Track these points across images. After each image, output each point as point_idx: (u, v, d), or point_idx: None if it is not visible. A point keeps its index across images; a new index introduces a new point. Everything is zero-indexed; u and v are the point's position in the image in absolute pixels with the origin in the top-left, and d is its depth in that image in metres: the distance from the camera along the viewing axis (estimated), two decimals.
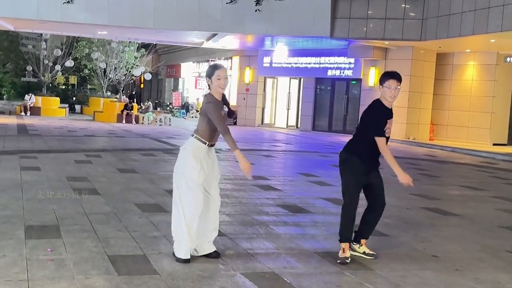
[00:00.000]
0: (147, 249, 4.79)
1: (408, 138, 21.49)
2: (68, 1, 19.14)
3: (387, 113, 4.84)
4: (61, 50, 34.35)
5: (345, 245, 4.82)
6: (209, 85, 4.71)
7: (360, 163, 4.84)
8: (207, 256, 4.66)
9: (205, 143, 4.63)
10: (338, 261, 4.75)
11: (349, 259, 4.78)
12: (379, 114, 4.81)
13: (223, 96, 4.77)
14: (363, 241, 5.01)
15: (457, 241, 5.84)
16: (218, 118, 4.58)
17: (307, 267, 4.64)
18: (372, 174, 4.91)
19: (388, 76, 4.82)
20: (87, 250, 4.69)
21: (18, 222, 5.51)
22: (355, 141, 4.96)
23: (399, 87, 4.80)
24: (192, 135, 4.68)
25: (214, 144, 4.74)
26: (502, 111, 21.87)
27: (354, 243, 5.00)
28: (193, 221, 4.54)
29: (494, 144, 21.14)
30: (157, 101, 40.35)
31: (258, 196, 7.84)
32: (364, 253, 4.95)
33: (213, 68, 4.67)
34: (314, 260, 4.82)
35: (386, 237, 5.80)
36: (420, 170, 12.43)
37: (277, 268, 4.52)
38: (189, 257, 4.54)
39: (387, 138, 4.83)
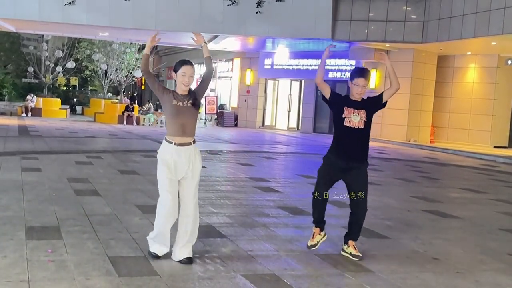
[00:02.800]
0: (147, 251, 4.78)
1: (409, 140, 21.49)
2: (70, 2, 19.16)
3: (348, 102, 5.01)
4: (62, 51, 34.40)
5: (314, 229, 5.07)
6: (175, 81, 4.69)
7: (333, 158, 4.99)
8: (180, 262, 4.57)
9: (171, 143, 4.57)
10: (307, 247, 5.03)
11: (314, 247, 5.00)
12: (334, 96, 5.15)
13: (190, 90, 4.69)
14: (350, 242, 5.05)
15: (458, 243, 5.83)
16: (153, 84, 4.65)
17: (307, 269, 4.64)
18: (352, 173, 4.97)
19: (358, 74, 4.97)
20: (88, 251, 4.69)
21: (19, 223, 5.52)
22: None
23: (366, 85, 4.96)
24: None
25: (187, 144, 4.59)
26: (503, 113, 21.87)
27: (344, 244, 5.09)
28: (160, 224, 4.58)
29: (494, 147, 21.14)
30: (158, 103, 40.34)
31: (258, 198, 7.84)
32: (350, 254, 5.00)
33: (181, 64, 4.63)
34: (314, 262, 4.82)
35: (387, 239, 5.79)
36: (421, 172, 12.43)
37: (277, 269, 4.52)
38: (158, 253, 4.61)
39: (354, 129, 4.92)
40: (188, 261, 4.57)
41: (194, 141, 4.67)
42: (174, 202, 4.55)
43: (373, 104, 5.11)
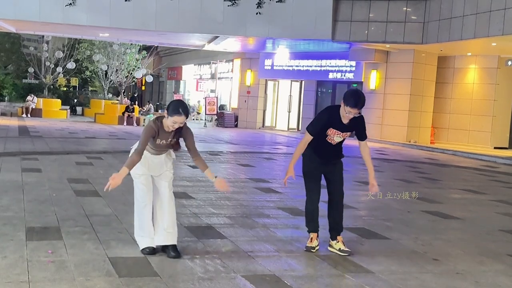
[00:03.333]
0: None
1: (409, 141, 21.48)
2: (70, 3, 19.18)
3: (335, 123, 4.99)
4: (63, 52, 34.40)
5: (312, 234, 5.15)
6: (165, 116, 4.69)
7: (314, 155, 5.15)
8: (163, 250, 4.76)
9: (147, 151, 4.79)
10: (305, 249, 5.11)
11: (314, 249, 5.08)
12: (321, 117, 5.12)
13: (179, 128, 4.69)
14: (339, 237, 5.13)
15: (458, 244, 5.83)
16: (142, 141, 4.66)
17: (307, 269, 4.64)
18: (331, 164, 5.18)
19: (353, 104, 4.83)
20: (88, 252, 4.69)
21: (19, 223, 5.52)
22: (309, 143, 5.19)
23: (357, 114, 4.93)
24: None
25: (163, 154, 4.86)
26: (503, 114, 21.87)
27: (332, 240, 5.15)
28: (139, 212, 4.88)
29: (495, 148, 21.14)
30: (158, 103, 40.38)
31: (259, 199, 7.84)
32: (339, 249, 5.06)
33: (175, 112, 4.52)
34: (314, 263, 4.82)
35: (387, 240, 5.80)
36: (421, 173, 12.43)
37: (277, 270, 4.52)
38: (147, 245, 4.77)
39: (329, 143, 5.05)
40: (175, 254, 4.68)
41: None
42: (148, 193, 4.83)
43: (360, 127, 5.12)
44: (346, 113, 4.90)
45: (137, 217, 4.92)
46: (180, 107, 4.54)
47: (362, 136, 5.14)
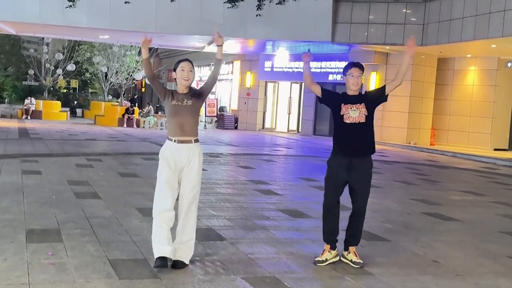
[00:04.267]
0: (148, 254, 4.78)
1: (409, 143, 21.49)
2: (70, 5, 19.19)
3: (344, 98, 4.97)
4: (63, 54, 34.42)
5: (326, 246, 4.92)
6: (175, 80, 4.67)
7: (336, 157, 4.92)
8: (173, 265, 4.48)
9: (171, 140, 4.60)
10: (314, 262, 4.85)
11: (324, 262, 4.81)
12: (329, 92, 5.14)
13: (190, 88, 4.68)
14: (351, 248, 4.90)
15: (458, 246, 5.84)
16: (157, 85, 4.66)
17: (307, 271, 4.64)
18: (355, 169, 4.85)
19: (351, 65, 4.97)
20: (88, 254, 4.69)
21: (19, 225, 5.52)
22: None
23: (361, 75, 4.94)
24: None
25: (188, 142, 4.56)
26: (503, 116, 21.87)
27: (344, 251, 4.95)
28: (157, 219, 4.48)
29: (495, 149, 21.13)
30: (158, 105, 40.39)
31: (258, 201, 7.84)
32: (351, 261, 4.85)
33: (178, 62, 4.65)
34: (314, 265, 4.82)
35: (387, 242, 5.80)
36: (421, 175, 12.43)
37: (277, 272, 4.52)
38: (161, 254, 4.38)
39: (354, 125, 4.86)
40: (181, 265, 4.49)
41: (196, 140, 4.64)
42: (172, 199, 4.49)
43: (375, 96, 5.07)
44: (350, 77, 4.90)
45: (155, 222, 4.52)
46: (180, 60, 4.65)
47: (380, 91, 5.10)
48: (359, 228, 4.97)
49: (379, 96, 5.08)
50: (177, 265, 4.47)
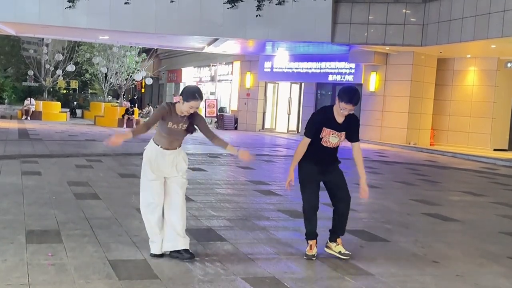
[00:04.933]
0: (147, 254, 4.79)
1: (409, 143, 21.49)
2: (70, 6, 19.19)
3: (329, 122, 4.93)
4: (63, 55, 34.39)
5: (311, 242, 5.03)
6: (178, 101, 4.70)
7: (307, 164, 5.04)
8: (177, 253, 4.72)
9: (158, 145, 4.76)
10: (305, 257, 4.98)
11: (315, 256, 4.97)
12: (314, 117, 5.02)
13: (192, 113, 4.73)
14: (339, 240, 5.07)
15: (458, 246, 5.84)
16: (152, 118, 4.72)
17: (307, 272, 4.65)
18: (328, 172, 5.06)
19: (347, 100, 4.80)
20: (88, 255, 4.70)
21: (19, 226, 5.52)
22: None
23: (352, 111, 4.90)
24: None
25: (173, 149, 4.77)
26: (502, 116, 21.88)
27: (331, 242, 5.09)
28: (146, 214, 4.76)
29: (494, 150, 21.14)
30: (158, 106, 40.40)
31: (258, 201, 7.84)
32: (339, 252, 4.99)
33: (192, 96, 4.59)
34: (314, 265, 4.83)
35: (387, 243, 5.80)
36: (421, 175, 12.43)
37: (277, 273, 4.53)
38: (157, 252, 4.74)
39: (325, 147, 4.97)
40: (189, 255, 4.68)
41: (179, 146, 4.87)
42: (159, 196, 4.72)
43: (354, 127, 5.05)
44: (341, 110, 4.84)
45: (147, 222, 4.81)
46: (196, 92, 4.64)
47: (354, 136, 5.05)
48: (347, 215, 5.11)
49: (351, 138, 5.09)
50: (190, 254, 4.70)
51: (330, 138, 4.95)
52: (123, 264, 4.50)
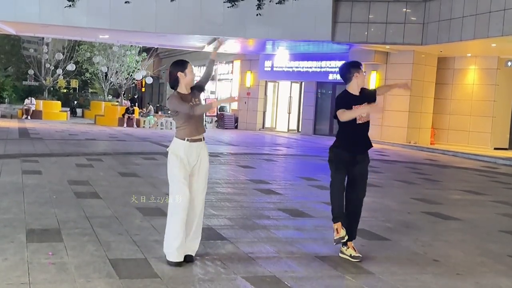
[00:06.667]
0: (148, 253, 4.79)
1: (409, 142, 21.49)
2: (70, 5, 19.18)
3: (353, 100, 5.07)
4: (63, 54, 34.42)
5: (336, 225, 4.96)
6: (177, 80, 4.72)
7: (342, 152, 5.05)
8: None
9: (184, 139, 4.72)
10: (334, 243, 4.95)
11: (345, 238, 4.91)
12: (339, 101, 5.08)
13: (192, 86, 4.84)
14: (349, 243, 5.02)
15: (458, 245, 5.83)
16: (179, 102, 4.63)
17: (308, 271, 4.64)
18: (358, 162, 5.06)
19: (359, 64, 5.21)
20: (88, 254, 4.70)
21: (20, 225, 5.52)
22: (336, 136, 5.19)
23: (365, 73, 5.20)
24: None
25: (199, 140, 4.79)
26: (503, 115, 21.88)
27: (343, 246, 5.04)
28: (178, 214, 4.54)
29: (495, 149, 21.14)
30: (158, 105, 40.40)
31: (259, 200, 7.84)
32: (350, 255, 4.96)
33: (183, 63, 4.75)
34: (315, 264, 4.82)
35: (387, 241, 5.80)
36: (421, 174, 12.43)
37: (278, 272, 4.53)
38: (180, 259, 4.51)
39: (362, 124, 5.05)
40: (190, 259, 4.61)
41: (204, 138, 4.88)
42: (189, 196, 4.61)
43: (370, 97, 5.21)
44: (362, 76, 5.11)
45: (176, 225, 4.54)
46: (182, 60, 4.80)
47: (374, 94, 5.29)
48: (357, 221, 5.11)
49: (372, 98, 5.22)
50: (191, 259, 4.63)
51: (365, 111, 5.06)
52: (123, 263, 4.50)
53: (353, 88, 5.12)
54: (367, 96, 5.15)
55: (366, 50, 21.94)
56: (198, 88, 4.92)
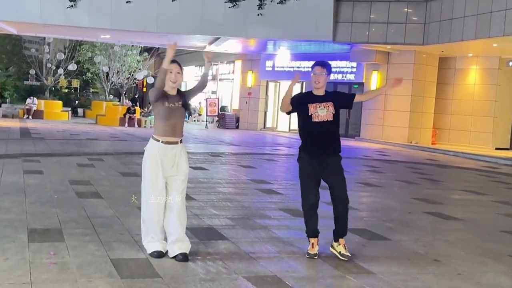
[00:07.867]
0: (148, 254, 4.79)
1: (410, 142, 21.48)
2: (71, 5, 19.20)
3: (311, 98, 5.07)
4: (64, 54, 34.43)
5: (312, 240, 5.02)
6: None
7: (306, 157, 5.07)
8: (174, 258, 4.66)
9: (158, 141, 4.69)
10: (307, 256, 4.97)
11: (316, 255, 4.95)
12: (293, 97, 5.12)
13: (179, 91, 4.83)
14: (341, 240, 5.03)
15: (459, 245, 5.83)
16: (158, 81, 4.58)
17: (309, 271, 4.65)
18: (327, 165, 5.00)
19: (315, 63, 5.13)
20: (90, 254, 4.70)
21: (21, 225, 5.53)
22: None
23: (323, 73, 5.07)
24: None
25: (175, 143, 4.71)
26: (504, 115, 21.87)
27: (334, 241, 5.08)
28: (149, 219, 4.71)
29: (496, 149, 21.14)
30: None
31: (260, 200, 7.85)
32: (339, 253, 4.97)
33: (172, 61, 4.70)
34: (316, 264, 4.83)
35: (388, 241, 5.80)
36: (422, 174, 12.43)
37: (279, 271, 4.53)
38: (155, 249, 4.67)
39: (321, 123, 4.98)
40: (183, 257, 4.61)
41: (181, 141, 4.80)
42: (161, 197, 4.65)
43: (343, 100, 5.16)
44: (312, 75, 5.04)
45: (145, 221, 4.78)
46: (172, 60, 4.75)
47: (348, 97, 5.18)
48: (346, 218, 5.08)
49: (347, 102, 5.19)
50: (185, 257, 4.63)
51: (319, 111, 5.01)
52: (124, 262, 4.51)
53: (313, 87, 5.12)
54: (335, 97, 5.09)
55: (367, 50, 21.94)
56: (187, 93, 4.92)
